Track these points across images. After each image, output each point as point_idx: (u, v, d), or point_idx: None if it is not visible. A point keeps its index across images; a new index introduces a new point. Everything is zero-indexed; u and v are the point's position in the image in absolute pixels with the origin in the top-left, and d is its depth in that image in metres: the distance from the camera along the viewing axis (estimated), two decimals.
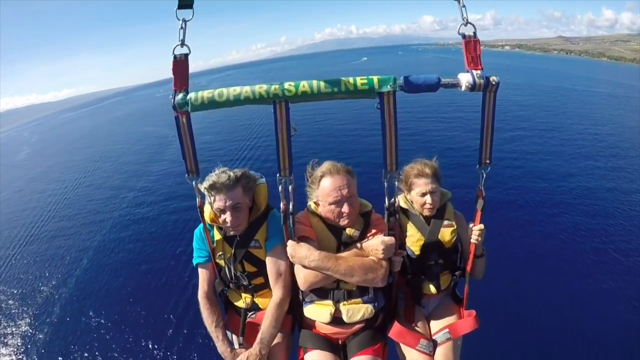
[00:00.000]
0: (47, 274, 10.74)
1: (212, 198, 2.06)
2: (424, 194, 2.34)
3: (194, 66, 1.89)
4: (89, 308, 8.89)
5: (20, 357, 7.80)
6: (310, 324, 2.30)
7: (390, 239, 2.07)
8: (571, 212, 11.29)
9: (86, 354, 7.51)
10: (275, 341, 2.22)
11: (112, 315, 8.46)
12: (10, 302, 9.69)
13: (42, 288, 10.09)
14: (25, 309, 9.29)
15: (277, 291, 2.18)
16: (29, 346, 8.03)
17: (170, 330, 7.74)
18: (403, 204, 2.45)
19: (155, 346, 7.42)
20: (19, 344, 8.13)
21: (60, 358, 7.53)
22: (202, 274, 2.32)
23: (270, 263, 2.18)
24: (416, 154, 2.48)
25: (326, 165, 2.23)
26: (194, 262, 2.33)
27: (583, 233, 10.19)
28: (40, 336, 8.24)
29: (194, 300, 2.35)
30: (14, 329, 8.60)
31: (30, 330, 8.48)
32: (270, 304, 2.19)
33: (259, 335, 2.13)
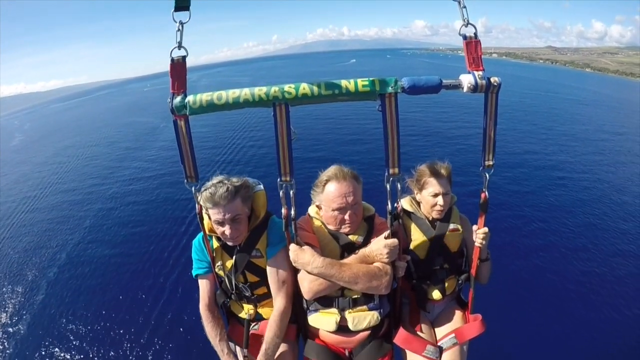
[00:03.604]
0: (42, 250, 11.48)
1: (210, 211, 1.98)
2: (436, 195, 2.30)
3: None
4: (86, 303, 8.90)
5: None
6: (315, 333, 2.25)
7: (393, 241, 2.02)
8: (579, 214, 11.59)
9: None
10: (280, 350, 2.17)
11: (108, 324, 8.28)
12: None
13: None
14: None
15: (279, 300, 2.12)
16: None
17: (171, 344, 7.55)
18: (408, 207, 2.41)
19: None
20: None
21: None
22: (203, 285, 2.25)
23: (271, 271, 2.11)
24: (418, 156, 2.47)
25: (332, 169, 2.16)
26: (194, 273, 2.26)
27: (592, 235, 10.35)
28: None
29: (195, 310, 2.31)
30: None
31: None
32: (273, 313, 2.13)
33: (263, 346, 2.07)
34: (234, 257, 2.13)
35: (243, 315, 2.29)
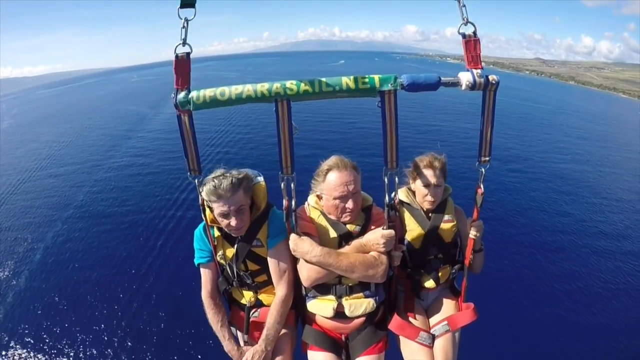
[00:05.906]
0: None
1: (214, 204, 2.01)
2: (427, 185, 2.36)
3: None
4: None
5: None
6: (313, 319, 2.32)
7: (389, 232, 2.09)
8: (567, 207, 12.43)
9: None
10: (280, 335, 2.23)
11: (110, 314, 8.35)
12: None
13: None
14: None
15: (280, 288, 2.19)
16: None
17: (172, 329, 7.61)
18: (404, 198, 2.47)
19: (160, 345, 7.33)
20: None
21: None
22: (205, 274, 2.30)
23: (272, 261, 2.18)
24: (416, 151, 2.52)
25: (333, 159, 2.22)
26: (196, 262, 2.30)
27: (578, 227, 11.02)
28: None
29: (196, 298, 2.34)
30: None
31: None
32: (274, 300, 2.20)
33: (264, 332, 2.14)
34: (235, 247, 2.18)
35: (244, 302, 2.35)
